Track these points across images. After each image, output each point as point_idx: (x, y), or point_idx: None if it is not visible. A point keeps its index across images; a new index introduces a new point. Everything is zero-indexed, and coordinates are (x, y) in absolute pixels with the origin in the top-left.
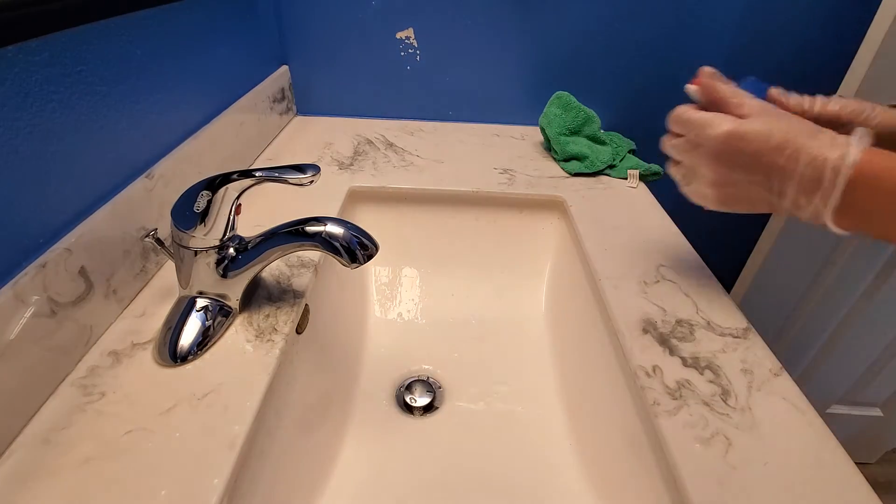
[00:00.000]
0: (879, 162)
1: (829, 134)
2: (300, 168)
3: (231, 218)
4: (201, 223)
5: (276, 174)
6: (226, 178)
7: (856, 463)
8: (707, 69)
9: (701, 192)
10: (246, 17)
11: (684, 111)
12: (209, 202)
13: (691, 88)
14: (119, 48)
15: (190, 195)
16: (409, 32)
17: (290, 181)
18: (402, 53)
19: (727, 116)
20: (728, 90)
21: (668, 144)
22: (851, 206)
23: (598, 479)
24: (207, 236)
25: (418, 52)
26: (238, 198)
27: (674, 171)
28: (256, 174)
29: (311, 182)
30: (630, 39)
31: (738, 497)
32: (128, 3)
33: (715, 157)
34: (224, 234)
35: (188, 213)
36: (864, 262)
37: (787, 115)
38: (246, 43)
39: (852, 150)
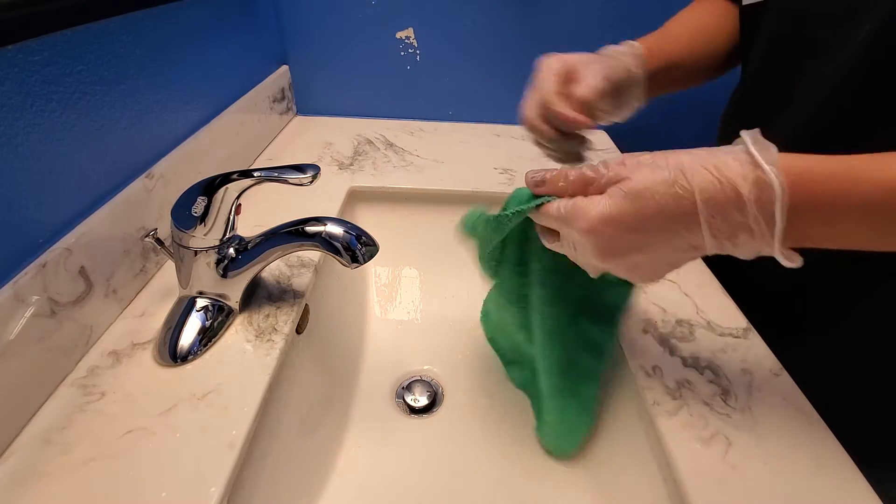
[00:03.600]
0: (804, 174)
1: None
2: (300, 168)
3: (231, 218)
4: (201, 224)
5: (276, 174)
6: (225, 179)
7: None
8: (528, 174)
9: (625, 275)
10: (246, 17)
11: (544, 211)
12: (206, 207)
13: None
14: (119, 48)
15: (190, 195)
16: (409, 32)
17: (290, 181)
18: (402, 53)
19: (592, 200)
20: (573, 172)
21: (551, 247)
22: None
23: (598, 478)
24: (207, 236)
25: (418, 52)
26: (238, 198)
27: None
28: (256, 174)
29: (311, 182)
30: (631, 38)
31: (738, 497)
32: (128, 3)
33: (601, 251)
34: (224, 234)
35: (188, 213)
36: None
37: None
38: (246, 43)
39: (770, 175)
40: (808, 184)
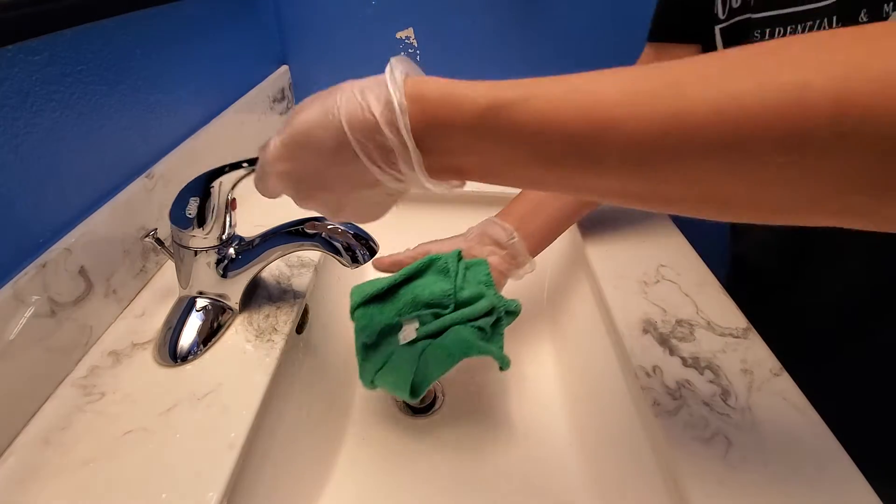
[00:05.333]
0: (432, 95)
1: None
2: None
3: (227, 213)
4: (197, 225)
5: None
6: (216, 173)
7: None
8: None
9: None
10: (246, 17)
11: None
12: (200, 207)
13: None
14: (119, 48)
15: (184, 195)
16: (409, 32)
17: None
18: (402, 53)
19: (268, 142)
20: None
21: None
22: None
23: (598, 478)
24: (207, 236)
25: (418, 52)
26: (232, 189)
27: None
28: (245, 164)
29: None
30: (632, 39)
31: (738, 497)
32: (128, 3)
33: (291, 192)
34: (223, 232)
35: (183, 214)
36: None
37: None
38: (246, 43)
39: (392, 95)
40: (437, 107)
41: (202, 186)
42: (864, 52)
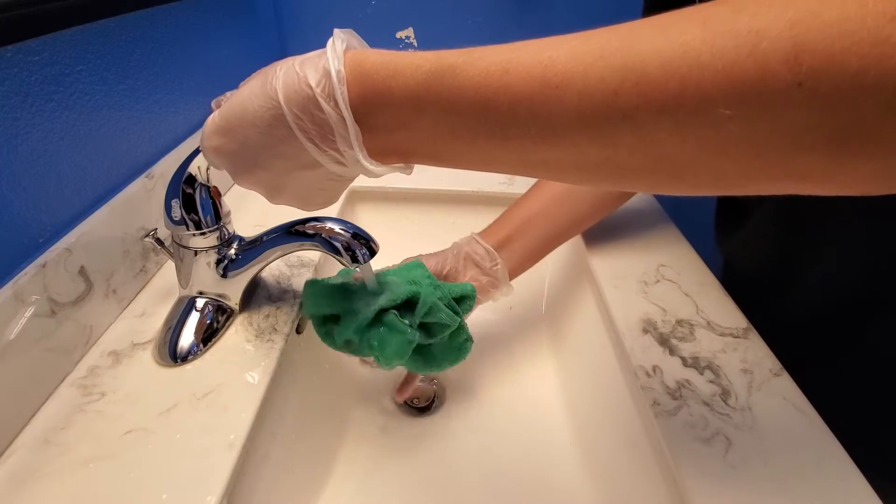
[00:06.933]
0: (373, 65)
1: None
2: None
3: (213, 202)
4: (192, 224)
5: None
6: (185, 165)
7: None
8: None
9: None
10: (246, 17)
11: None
12: (184, 206)
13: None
14: (119, 48)
15: (167, 199)
16: (409, 32)
17: None
18: None
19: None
20: None
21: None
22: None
23: (599, 478)
24: (206, 234)
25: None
26: (207, 177)
27: None
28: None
29: None
30: None
31: (738, 497)
32: (127, 3)
33: (227, 167)
34: (217, 222)
35: (171, 217)
36: None
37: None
38: (246, 43)
39: (329, 63)
40: (377, 77)
41: (178, 186)
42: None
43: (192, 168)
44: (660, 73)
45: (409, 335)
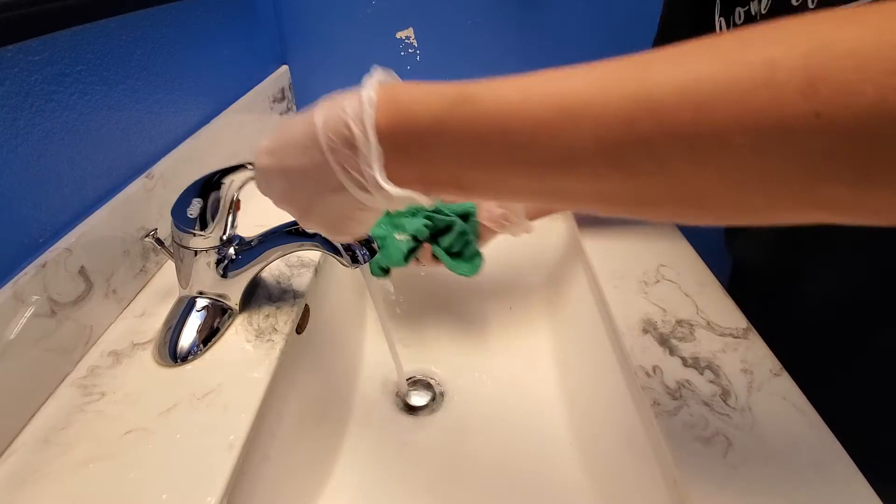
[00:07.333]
0: (408, 97)
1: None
2: None
3: (231, 214)
4: (200, 225)
5: None
6: (224, 173)
7: None
8: None
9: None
10: (246, 17)
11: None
12: (202, 208)
13: None
14: (119, 48)
15: (187, 195)
16: (409, 32)
17: None
18: (402, 53)
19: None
20: None
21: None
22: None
23: (599, 479)
24: (208, 236)
25: (418, 52)
26: (239, 190)
27: None
28: (249, 166)
29: None
30: (633, 38)
31: (738, 497)
32: (128, 3)
33: (268, 191)
34: (224, 232)
35: (185, 214)
36: None
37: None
38: (246, 43)
39: (362, 91)
40: (405, 104)
41: (205, 187)
42: (833, 28)
43: (227, 178)
44: (674, 101)
45: (402, 245)
